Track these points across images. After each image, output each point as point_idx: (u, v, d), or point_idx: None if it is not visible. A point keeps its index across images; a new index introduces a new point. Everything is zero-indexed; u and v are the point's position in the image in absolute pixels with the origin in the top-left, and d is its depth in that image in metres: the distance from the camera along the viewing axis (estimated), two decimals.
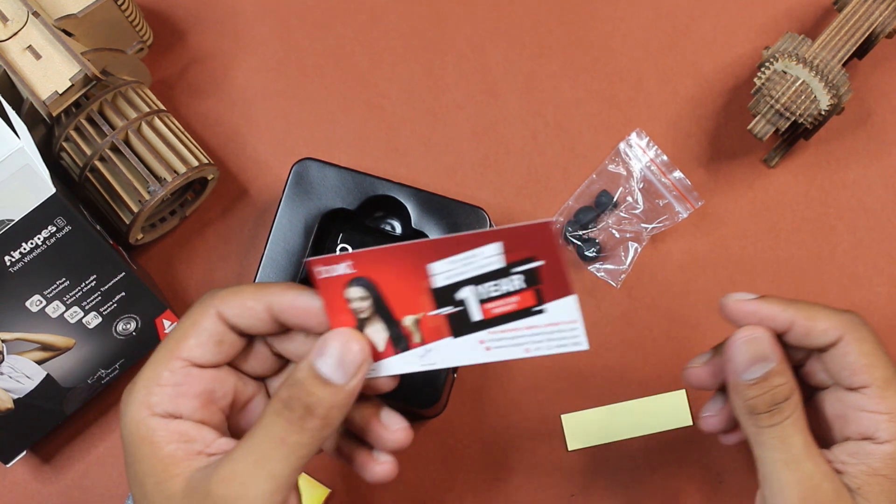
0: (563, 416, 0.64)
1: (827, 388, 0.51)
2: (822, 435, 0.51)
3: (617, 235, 0.65)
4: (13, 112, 0.59)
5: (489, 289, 0.44)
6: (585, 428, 0.64)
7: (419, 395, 0.60)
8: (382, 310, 0.46)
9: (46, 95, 0.59)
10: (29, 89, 0.59)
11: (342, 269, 0.46)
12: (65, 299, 0.59)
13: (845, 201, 0.66)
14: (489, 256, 0.44)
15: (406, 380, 0.62)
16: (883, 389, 0.48)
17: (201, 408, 0.46)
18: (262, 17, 0.70)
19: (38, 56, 0.59)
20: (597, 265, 0.65)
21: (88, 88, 0.61)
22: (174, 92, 0.69)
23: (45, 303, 0.59)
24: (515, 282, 0.44)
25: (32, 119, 0.62)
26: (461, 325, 0.45)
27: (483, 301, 0.45)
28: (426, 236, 0.62)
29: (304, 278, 0.62)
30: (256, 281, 0.61)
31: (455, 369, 0.63)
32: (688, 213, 0.65)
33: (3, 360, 0.59)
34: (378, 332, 0.46)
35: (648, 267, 0.66)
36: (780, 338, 0.49)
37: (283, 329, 0.47)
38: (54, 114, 0.60)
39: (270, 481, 0.43)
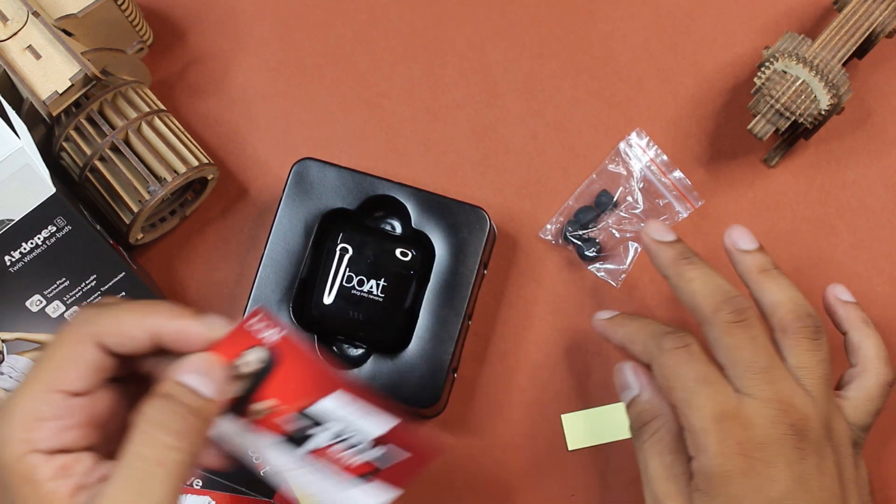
0: (563, 416, 0.64)
1: None
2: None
3: (617, 235, 0.65)
4: (13, 112, 0.59)
5: (346, 439, 0.45)
6: (585, 428, 0.64)
7: (419, 395, 0.60)
8: (256, 380, 0.45)
9: (46, 95, 0.59)
10: (29, 89, 0.59)
11: (270, 334, 0.45)
12: (65, 299, 0.59)
13: (845, 201, 0.66)
14: (370, 430, 0.45)
15: (406, 379, 0.62)
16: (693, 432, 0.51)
17: (87, 436, 0.43)
18: (262, 17, 0.70)
19: (38, 56, 0.59)
20: (597, 265, 0.65)
21: (88, 88, 0.61)
22: (174, 92, 0.69)
23: (45, 303, 0.59)
24: (370, 453, 0.45)
25: (32, 119, 0.62)
26: (299, 439, 0.45)
27: (332, 443, 0.45)
28: (426, 236, 0.62)
29: (303, 277, 0.62)
30: (256, 281, 0.61)
31: (455, 368, 0.63)
32: (688, 213, 0.65)
33: (3, 360, 0.59)
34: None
35: (648, 266, 0.66)
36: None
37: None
38: (54, 114, 0.60)
39: None
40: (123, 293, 0.60)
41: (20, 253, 0.58)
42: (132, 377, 0.46)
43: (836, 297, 0.59)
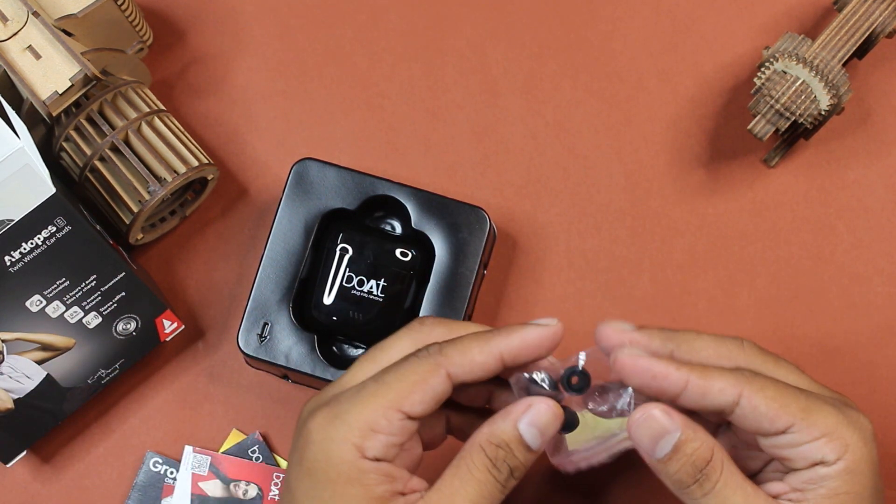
0: None
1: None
2: (768, 470, 0.50)
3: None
4: (13, 112, 0.59)
5: None
6: (585, 428, 0.63)
7: None
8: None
9: (46, 95, 0.59)
10: (29, 89, 0.59)
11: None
12: (65, 299, 0.59)
13: (845, 201, 0.66)
14: None
15: None
16: (807, 420, 0.47)
17: (404, 452, 0.47)
18: (262, 17, 0.70)
19: (38, 56, 0.59)
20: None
21: (88, 88, 0.61)
22: (174, 92, 0.69)
23: (45, 303, 0.59)
24: None
25: (32, 119, 0.62)
26: None
27: None
28: (426, 236, 0.62)
29: (303, 277, 0.62)
30: (256, 281, 0.61)
31: None
32: None
33: (3, 360, 0.59)
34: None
35: (648, 267, 0.66)
36: (676, 401, 0.48)
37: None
38: (54, 114, 0.60)
39: None
40: (123, 293, 0.60)
41: (20, 253, 0.58)
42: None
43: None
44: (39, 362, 0.60)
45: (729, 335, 0.50)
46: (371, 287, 0.61)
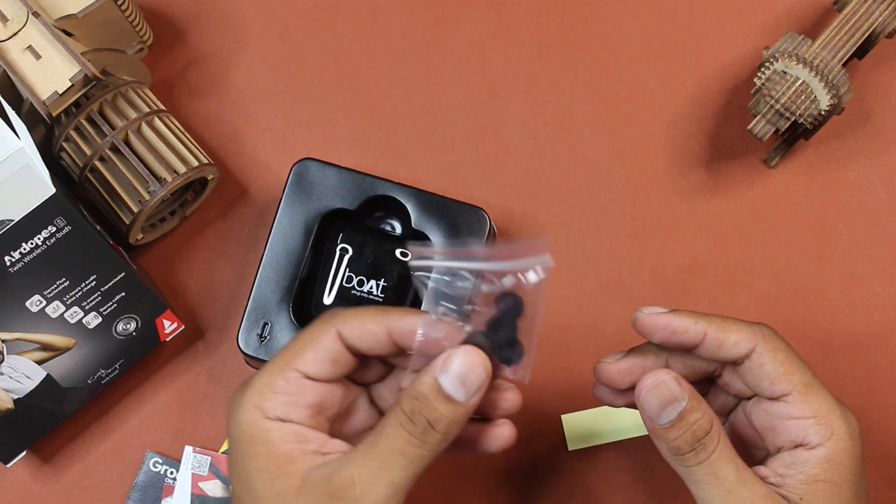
0: (563, 416, 0.64)
1: (749, 398, 0.51)
2: (755, 450, 0.51)
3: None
4: (13, 112, 0.59)
5: None
6: (585, 428, 0.64)
7: None
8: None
9: (46, 95, 0.59)
10: (29, 89, 0.59)
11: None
12: (65, 299, 0.59)
13: (845, 201, 0.66)
14: None
15: None
16: (804, 394, 0.48)
17: (310, 417, 0.48)
18: (262, 17, 0.70)
19: (38, 56, 0.59)
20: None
21: (88, 88, 0.61)
22: (174, 92, 0.69)
23: (45, 303, 0.59)
24: None
25: (32, 119, 0.62)
26: None
27: None
28: (426, 237, 0.62)
29: (303, 277, 0.62)
30: (256, 281, 0.61)
31: None
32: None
33: (3, 360, 0.59)
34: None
35: (649, 267, 0.66)
36: (694, 351, 0.50)
37: (401, 352, 0.49)
38: (54, 114, 0.60)
39: (390, 488, 0.45)
40: (123, 293, 0.60)
41: (20, 253, 0.58)
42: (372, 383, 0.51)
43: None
44: (39, 362, 0.60)
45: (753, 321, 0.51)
46: (371, 287, 0.61)
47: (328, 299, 0.61)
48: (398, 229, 0.64)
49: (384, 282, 0.61)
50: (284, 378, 0.48)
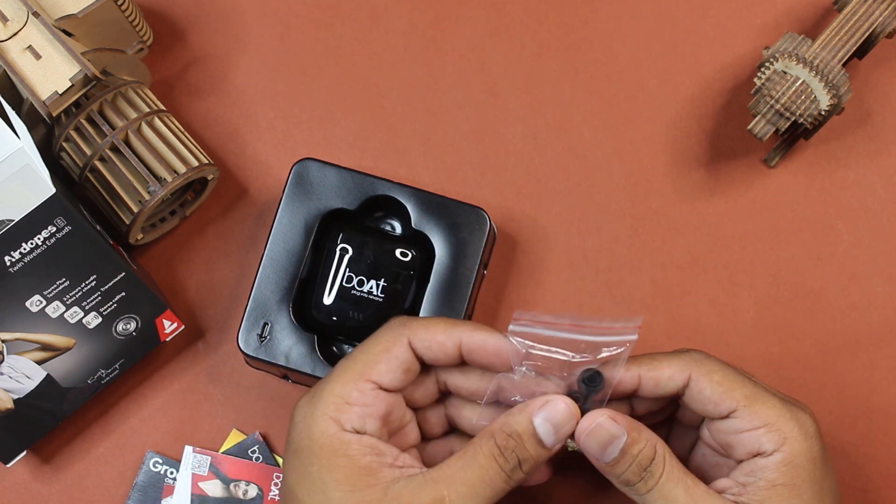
0: None
1: (702, 421, 0.52)
2: (718, 467, 0.52)
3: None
4: (13, 112, 0.59)
5: None
6: None
7: None
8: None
9: (46, 95, 0.59)
10: (29, 89, 0.59)
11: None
12: (65, 299, 0.59)
13: (845, 201, 0.66)
14: None
15: None
16: (749, 406, 0.49)
17: (381, 428, 0.49)
18: (262, 17, 0.70)
19: (38, 56, 0.59)
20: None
21: (88, 88, 0.61)
22: (174, 92, 0.69)
23: (45, 303, 0.59)
24: None
25: (32, 119, 0.62)
26: None
27: None
28: (426, 237, 0.62)
29: (303, 278, 0.62)
30: (256, 281, 0.61)
31: None
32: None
33: (3, 360, 0.59)
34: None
35: (649, 267, 0.66)
36: (635, 395, 0.51)
37: (462, 363, 0.50)
38: (54, 114, 0.60)
39: None
40: (123, 293, 0.60)
41: (20, 253, 0.58)
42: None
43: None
44: (39, 362, 0.60)
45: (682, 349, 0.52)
46: (371, 287, 0.61)
47: (328, 299, 0.61)
48: (398, 229, 0.64)
49: (384, 282, 0.61)
50: (359, 389, 0.48)
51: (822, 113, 0.61)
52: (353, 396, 0.48)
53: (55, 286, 0.59)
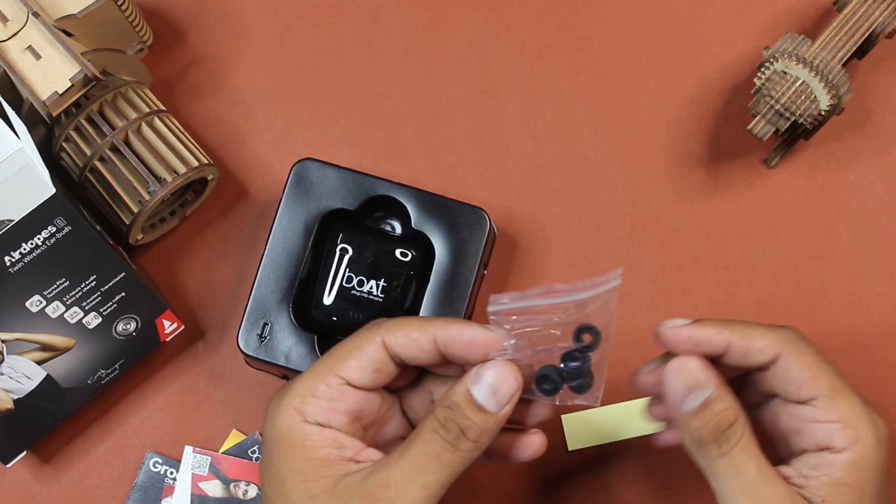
0: (563, 416, 0.64)
1: (774, 398, 0.51)
2: (780, 449, 0.51)
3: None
4: (13, 112, 0.59)
5: None
6: (585, 428, 0.64)
7: None
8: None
9: (46, 95, 0.59)
10: (29, 89, 0.59)
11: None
12: (65, 299, 0.59)
13: (845, 201, 0.67)
14: None
15: None
16: (830, 398, 0.48)
17: (348, 423, 0.49)
18: (262, 17, 0.70)
19: (38, 56, 0.59)
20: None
21: (88, 88, 0.61)
22: (174, 92, 0.69)
23: (45, 303, 0.59)
24: None
25: (32, 119, 0.62)
26: None
27: None
28: (426, 237, 0.62)
29: (303, 278, 0.62)
30: (256, 281, 0.61)
31: None
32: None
33: (3, 360, 0.59)
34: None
35: (648, 267, 0.66)
36: (719, 360, 0.49)
37: (444, 361, 0.50)
38: (54, 114, 0.60)
39: (424, 491, 0.46)
40: (123, 293, 0.60)
41: (20, 253, 0.58)
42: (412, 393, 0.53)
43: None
44: (39, 362, 0.60)
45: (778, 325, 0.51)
46: (371, 287, 0.61)
47: (328, 299, 0.61)
48: (398, 229, 0.64)
49: (384, 282, 0.61)
50: (326, 383, 0.48)
51: (822, 113, 0.61)
52: (319, 390, 0.48)
53: (55, 286, 0.59)
